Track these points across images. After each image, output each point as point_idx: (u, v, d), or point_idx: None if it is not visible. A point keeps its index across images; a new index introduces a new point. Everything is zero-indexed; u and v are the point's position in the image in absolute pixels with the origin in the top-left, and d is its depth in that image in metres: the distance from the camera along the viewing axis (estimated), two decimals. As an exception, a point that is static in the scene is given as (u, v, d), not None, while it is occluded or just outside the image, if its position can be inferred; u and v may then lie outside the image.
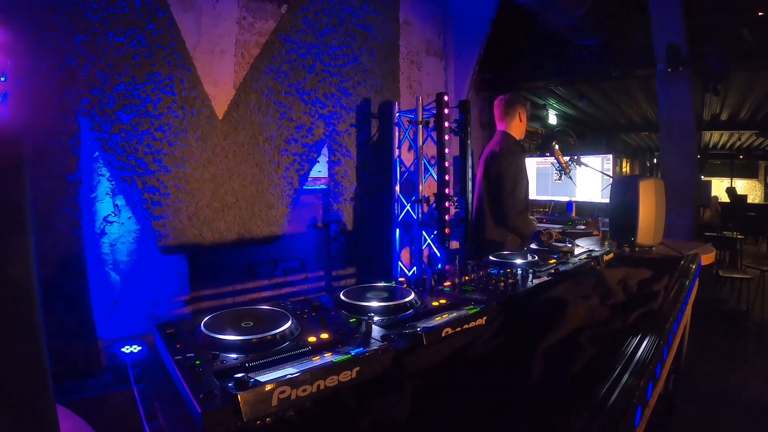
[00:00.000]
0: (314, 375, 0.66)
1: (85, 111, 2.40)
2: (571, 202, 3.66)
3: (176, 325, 0.86)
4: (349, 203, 3.60)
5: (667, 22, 3.83)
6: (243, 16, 2.97)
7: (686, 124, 4.05)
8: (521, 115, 2.49)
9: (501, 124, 2.51)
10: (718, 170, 14.09)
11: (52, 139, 2.32)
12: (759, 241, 8.16)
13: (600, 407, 0.62)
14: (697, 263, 1.70)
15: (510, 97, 2.51)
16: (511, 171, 2.36)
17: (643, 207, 2.01)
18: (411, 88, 4.12)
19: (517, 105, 2.48)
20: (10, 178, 0.39)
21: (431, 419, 0.64)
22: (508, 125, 2.50)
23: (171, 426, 0.63)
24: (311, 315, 0.96)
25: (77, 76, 2.36)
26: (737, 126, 8.92)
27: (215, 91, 2.85)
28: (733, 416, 2.44)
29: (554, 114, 7.86)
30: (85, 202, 2.45)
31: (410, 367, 0.76)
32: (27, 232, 0.40)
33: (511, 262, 1.47)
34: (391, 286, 1.13)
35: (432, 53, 4.38)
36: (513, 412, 0.64)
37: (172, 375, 0.73)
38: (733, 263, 5.32)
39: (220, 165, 2.88)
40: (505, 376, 0.74)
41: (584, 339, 0.88)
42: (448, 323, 0.89)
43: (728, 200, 9.77)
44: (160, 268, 2.69)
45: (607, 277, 1.30)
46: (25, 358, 0.40)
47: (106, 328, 2.51)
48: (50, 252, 2.32)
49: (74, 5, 2.33)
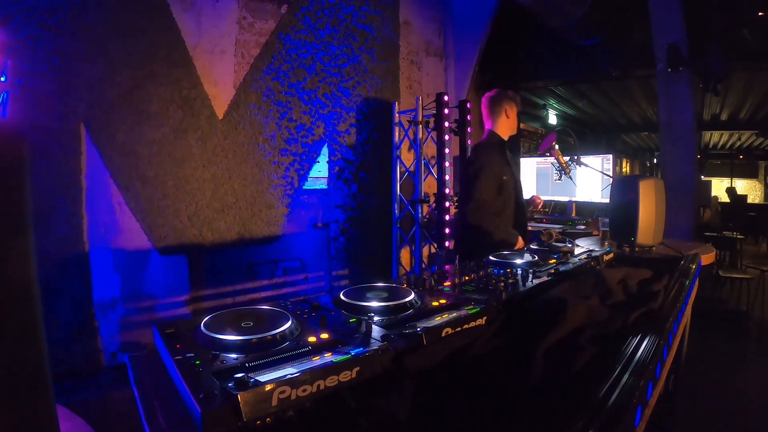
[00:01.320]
0: (314, 375, 0.66)
1: (85, 111, 2.40)
2: (571, 202, 3.66)
3: (176, 325, 0.86)
4: (349, 203, 3.60)
5: (667, 22, 3.83)
6: (243, 16, 2.97)
7: (686, 124, 4.05)
8: (508, 111, 2.35)
9: (488, 123, 2.41)
10: (718, 170, 14.09)
11: (52, 139, 2.32)
12: (759, 241, 8.16)
13: (600, 407, 0.62)
14: (697, 263, 1.70)
15: (495, 94, 2.38)
16: (475, 167, 2.24)
17: (643, 207, 2.01)
18: (411, 88, 4.12)
19: (503, 101, 2.34)
20: (10, 177, 0.39)
21: (431, 419, 0.64)
22: (495, 123, 2.38)
23: (171, 426, 0.63)
24: (311, 315, 0.96)
25: (77, 76, 2.36)
26: (737, 126, 8.93)
27: (215, 91, 2.85)
28: (733, 416, 2.44)
29: (554, 114, 7.87)
30: (85, 202, 2.45)
31: (410, 367, 0.76)
32: (27, 232, 0.40)
33: (511, 262, 1.47)
34: (391, 286, 1.13)
35: (432, 53, 4.38)
36: (513, 412, 0.64)
37: (172, 375, 0.73)
38: (733, 263, 5.32)
39: (220, 165, 2.88)
40: (505, 376, 0.74)
41: (584, 339, 0.88)
42: (448, 323, 0.89)
43: (728, 200, 9.77)
44: (160, 268, 2.69)
45: (607, 277, 1.30)
46: (25, 358, 0.40)
47: (106, 328, 2.52)
48: (50, 252, 2.32)
49: (74, 5, 2.33)
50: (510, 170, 2.32)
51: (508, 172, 2.30)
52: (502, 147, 2.36)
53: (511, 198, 2.30)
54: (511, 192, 2.30)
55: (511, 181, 2.31)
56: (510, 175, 2.31)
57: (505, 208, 2.28)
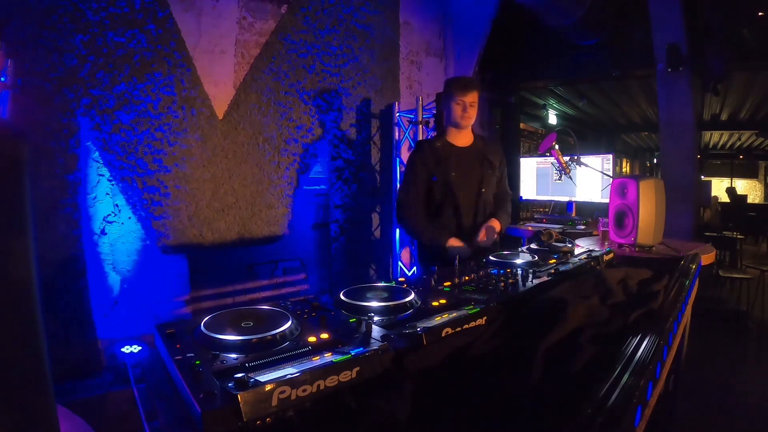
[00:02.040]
0: (314, 375, 0.66)
1: (85, 111, 2.40)
2: (571, 202, 3.66)
3: (176, 325, 0.86)
4: (349, 203, 3.60)
5: (667, 22, 3.84)
6: (243, 16, 2.97)
7: (686, 124, 4.06)
8: (450, 99, 2.07)
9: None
10: (718, 170, 14.11)
11: (52, 139, 2.32)
12: (759, 241, 8.16)
13: (600, 407, 0.62)
14: (697, 263, 1.69)
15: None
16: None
17: (643, 207, 2.01)
18: (411, 88, 4.12)
19: (445, 89, 2.10)
20: (10, 177, 0.39)
21: (431, 419, 0.64)
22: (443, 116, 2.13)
23: (171, 426, 0.63)
24: (311, 315, 0.96)
25: (77, 76, 2.36)
26: (737, 126, 8.94)
27: (215, 91, 2.85)
28: (733, 416, 2.44)
29: (554, 114, 7.87)
30: (85, 202, 2.45)
31: (410, 367, 0.76)
32: (27, 232, 0.40)
33: (511, 262, 1.47)
34: (391, 286, 1.13)
35: (432, 53, 4.38)
36: (513, 412, 0.64)
37: (172, 375, 0.73)
38: (733, 263, 5.32)
39: (220, 165, 2.87)
40: (505, 376, 0.74)
41: (584, 339, 0.88)
42: (448, 323, 0.89)
43: (728, 200, 9.78)
44: (160, 268, 2.69)
45: (607, 277, 1.30)
46: (25, 358, 0.40)
47: (106, 328, 2.51)
48: (50, 252, 2.32)
49: (74, 5, 2.33)
50: (443, 170, 2.05)
51: (441, 172, 2.05)
52: (429, 143, 2.14)
53: (448, 198, 2.05)
54: (446, 192, 2.05)
55: (444, 180, 2.05)
56: (443, 174, 2.05)
57: (435, 209, 2.09)
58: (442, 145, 2.10)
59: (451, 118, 2.09)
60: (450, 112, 2.07)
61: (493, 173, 2.16)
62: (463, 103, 2.02)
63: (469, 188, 2.07)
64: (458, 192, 2.05)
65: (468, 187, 2.07)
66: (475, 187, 2.08)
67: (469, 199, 2.08)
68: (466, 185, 2.07)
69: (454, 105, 2.04)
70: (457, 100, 2.03)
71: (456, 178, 2.05)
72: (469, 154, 2.11)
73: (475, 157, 2.12)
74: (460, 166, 2.07)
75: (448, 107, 2.07)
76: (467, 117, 2.05)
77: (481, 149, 2.15)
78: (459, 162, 2.07)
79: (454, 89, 2.02)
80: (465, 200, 2.06)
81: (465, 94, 2.01)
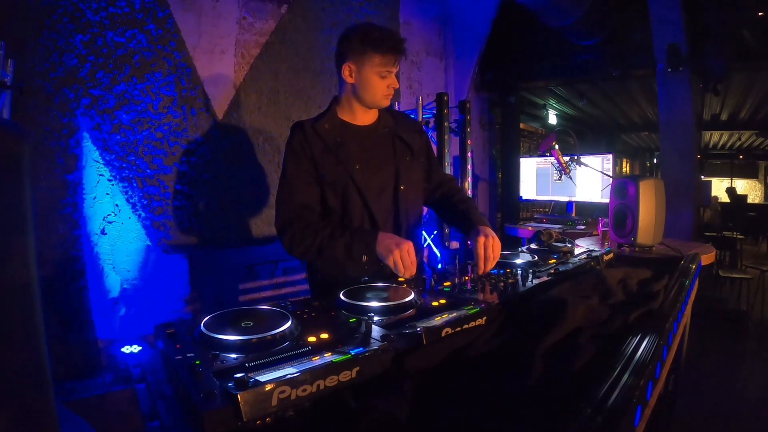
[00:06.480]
0: (314, 375, 0.66)
1: (85, 111, 2.40)
2: (571, 202, 3.66)
3: (176, 325, 0.86)
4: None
5: (667, 22, 3.84)
6: (243, 16, 2.97)
7: (686, 124, 4.06)
8: (349, 67, 1.36)
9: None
10: (718, 170, 14.10)
11: (52, 139, 2.32)
12: (759, 241, 8.16)
13: (600, 407, 0.62)
14: (697, 263, 1.69)
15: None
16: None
17: (643, 207, 2.01)
18: (411, 88, 4.12)
19: (357, 47, 1.33)
20: (10, 177, 0.39)
21: (431, 419, 0.64)
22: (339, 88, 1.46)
23: (171, 426, 0.64)
24: (311, 315, 0.97)
25: (77, 76, 2.36)
26: (737, 126, 8.94)
27: (215, 91, 2.85)
28: (733, 416, 2.44)
29: (554, 114, 7.86)
30: (85, 202, 2.45)
31: (410, 367, 0.76)
32: (27, 232, 0.40)
33: (511, 262, 1.47)
34: (391, 286, 1.13)
35: (432, 53, 4.38)
36: (513, 412, 0.65)
37: (172, 375, 0.73)
38: (733, 263, 5.32)
39: (220, 165, 2.88)
40: (505, 376, 0.75)
41: (584, 339, 0.88)
42: (448, 323, 0.89)
43: (728, 200, 9.77)
44: (161, 268, 2.69)
45: (607, 277, 1.30)
46: (25, 358, 0.40)
47: (106, 328, 2.51)
48: (50, 252, 2.32)
49: (74, 5, 2.33)
50: (338, 163, 1.38)
51: (335, 166, 1.38)
52: (319, 123, 1.42)
53: (351, 204, 1.40)
54: (348, 196, 1.40)
55: (342, 178, 1.39)
56: (340, 169, 1.38)
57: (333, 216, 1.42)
58: (332, 125, 1.41)
59: (362, 92, 1.38)
60: (364, 84, 1.36)
61: (414, 160, 1.51)
62: (389, 74, 1.36)
63: (382, 186, 1.43)
64: (367, 193, 1.39)
65: (380, 184, 1.42)
66: (390, 184, 1.44)
67: (384, 203, 1.44)
68: (377, 182, 1.42)
69: (375, 76, 1.34)
70: (382, 72, 1.34)
71: (361, 173, 1.39)
72: (376, 137, 1.46)
73: (385, 139, 1.47)
74: (365, 154, 1.41)
75: (362, 75, 1.35)
76: (391, 95, 1.40)
77: (391, 127, 1.49)
78: (362, 149, 1.41)
79: (382, 51, 1.31)
80: (377, 204, 1.41)
81: (396, 61, 1.35)
